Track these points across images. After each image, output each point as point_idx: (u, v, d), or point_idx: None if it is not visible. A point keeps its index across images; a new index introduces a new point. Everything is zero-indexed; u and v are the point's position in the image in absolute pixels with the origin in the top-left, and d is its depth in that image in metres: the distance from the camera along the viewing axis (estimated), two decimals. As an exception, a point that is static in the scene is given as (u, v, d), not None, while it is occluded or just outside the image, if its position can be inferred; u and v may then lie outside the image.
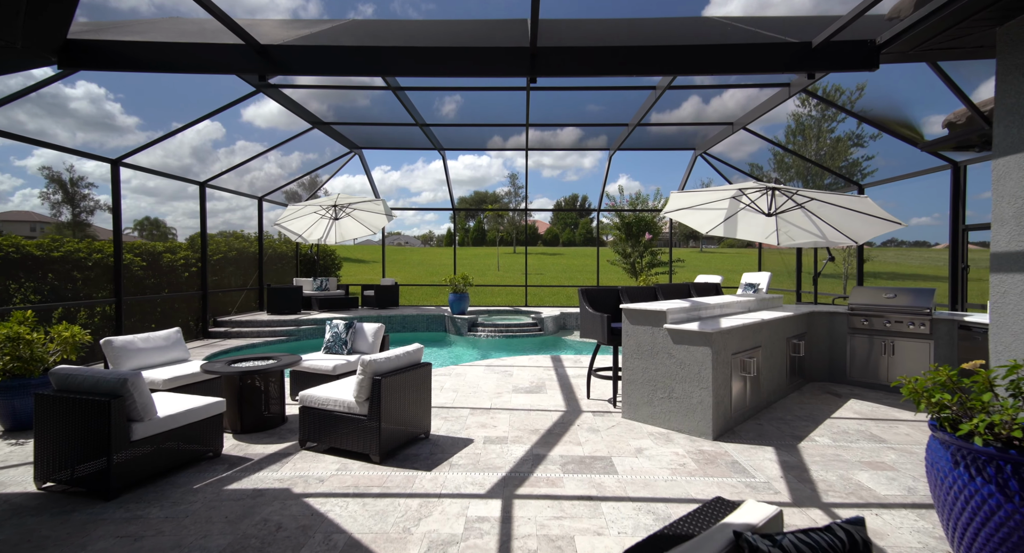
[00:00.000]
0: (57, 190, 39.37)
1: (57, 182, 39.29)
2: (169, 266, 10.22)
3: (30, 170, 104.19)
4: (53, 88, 77.15)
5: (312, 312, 11.93)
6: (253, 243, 12.99)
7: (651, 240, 15.52)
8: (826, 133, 24.32)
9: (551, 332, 11.32)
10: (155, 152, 9.30)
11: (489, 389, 6.05)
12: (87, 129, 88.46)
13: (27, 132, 7.34)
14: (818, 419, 4.93)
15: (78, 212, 40.49)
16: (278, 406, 4.73)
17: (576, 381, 6.44)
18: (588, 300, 5.73)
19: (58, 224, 40.08)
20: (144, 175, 9.37)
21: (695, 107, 10.76)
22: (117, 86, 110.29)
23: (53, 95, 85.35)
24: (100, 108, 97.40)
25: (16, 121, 56.81)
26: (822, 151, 23.87)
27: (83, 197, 40.74)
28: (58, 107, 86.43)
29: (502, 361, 7.70)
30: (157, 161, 9.50)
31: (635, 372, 4.90)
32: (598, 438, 4.39)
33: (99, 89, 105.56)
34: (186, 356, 5.26)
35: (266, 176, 13.24)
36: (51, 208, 39.95)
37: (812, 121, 24.90)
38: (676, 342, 4.58)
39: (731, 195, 7.13)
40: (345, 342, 5.69)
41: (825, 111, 24.56)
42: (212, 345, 9.00)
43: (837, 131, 24.05)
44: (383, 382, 3.83)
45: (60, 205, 39.95)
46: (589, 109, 9.86)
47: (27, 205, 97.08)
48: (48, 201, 39.70)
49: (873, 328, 6.08)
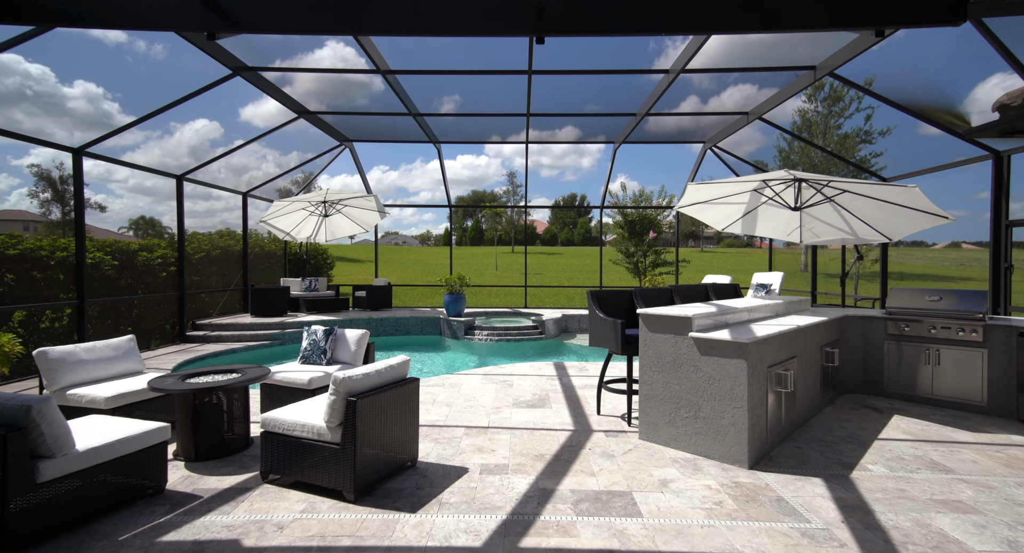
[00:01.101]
0: (46, 188, 38.53)
1: (46, 180, 38.45)
2: (145, 265, 9.55)
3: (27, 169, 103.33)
4: (51, 87, 76.01)
5: (299, 314, 11.27)
6: (240, 241, 12.32)
7: (655, 239, 14.88)
8: (833, 129, 23.75)
9: (552, 335, 10.69)
10: (153, 151, 8.87)
11: (487, 403, 5.40)
12: (84, 128, 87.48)
13: (25, 131, 6.77)
14: (864, 441, 4.29)
15: (68, 211, 39.62)
16: (242, 426, 4.08)
17: (583, 393, 5.80)
18: (598, 304, 5.09)
19: (48, 223, 39.24)
20: (142, 174, 8.84)
21: (706, 96, 10.13)
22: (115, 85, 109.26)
23: (51, 94, 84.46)
24: (98, 107, 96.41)
25: (13, 120, 56.06)
26: (829, 148, 23.26)
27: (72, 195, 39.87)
28: (55, 106, 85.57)
29: (501, 369, 7.06)
30: (155, 160, 8.96)
31: (655, 387, 4.26)
32: (614, 466, 3.75)
33: (97, 89, 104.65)
34: (140, 368, 4.61)
35: (264, 175, 12.64)
36: (40, 207, 39.12)
37: (819, 117, 24.31)
38: (704, 353, 3.94)
39: (752, 187, 6.51)
40: (324, 351, 5.04)
41: (832, 107, 23.98)
42: (188, 350, 8.33)
43: (844, 127, 23.47)
44: (359, 404, 3.18)
45: (49, 203, 39.10)
46: (594, 99, 9.23)
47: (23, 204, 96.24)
48: (37, 199, 38.88)
49: (915, 334, 5.45)
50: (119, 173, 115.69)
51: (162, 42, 65.34)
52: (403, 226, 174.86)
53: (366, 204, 11.57)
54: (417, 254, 54.48)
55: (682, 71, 6.99)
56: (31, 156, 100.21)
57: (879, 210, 5.97)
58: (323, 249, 17.79)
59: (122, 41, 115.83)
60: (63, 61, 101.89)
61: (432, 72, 7.71)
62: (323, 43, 9.21)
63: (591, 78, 8.46)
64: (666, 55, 8.13)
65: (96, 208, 42.65)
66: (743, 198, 6.81)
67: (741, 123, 9.24)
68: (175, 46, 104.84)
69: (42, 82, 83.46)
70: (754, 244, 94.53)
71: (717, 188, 6.39)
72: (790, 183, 6.21)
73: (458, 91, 9.36)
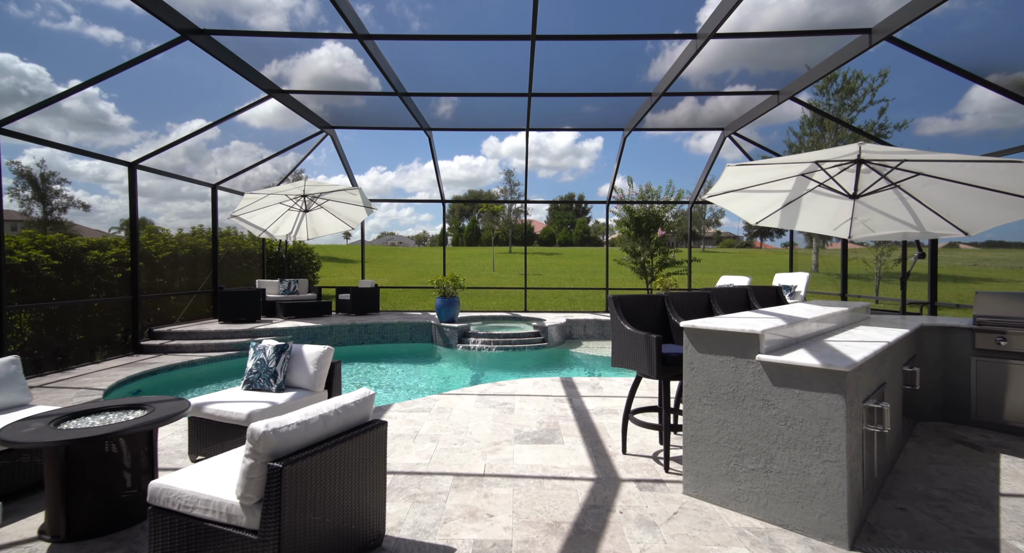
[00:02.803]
0: (27, 186, 37.16)
1: (27, 178, 37.09)
2: (96, 265, 8.42)
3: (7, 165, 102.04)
4: (45, 87, 75.40)
5: (275, 320, 10.16)
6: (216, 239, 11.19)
7: (663, 237, 13.87)
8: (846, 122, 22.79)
9: (556, 343, 9.62)
10: (149, 152, 8.10)
11: (483, 436, 4.32)
12: (80, 128, 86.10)
13: (20, 130, 6.06)
14: (985, 498, 3.23)
15: (50, 210, 38.31)
16: (148, 478, 2.98)
17: (601, 420, 4.73)
18: (624, 313, 4.02)
19: (29, 222, 37.86)
20: (140, 175, 7.83)
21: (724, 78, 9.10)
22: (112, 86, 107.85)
23: (46, 93, 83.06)
24: (93, 108, 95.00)
25: None
26: (840, 143, 22.29)
27: (56, 194, 38.58)
28: (52, 107, 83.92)
29: (500, 388, 5.98)
30: (153, 160, 8.07)
31: (706, 426, 3.20)
32: (659, 545, 2.68)
33: (93, 89, 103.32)
34: (23, 399, 3.50)
35: (261, 176, 11.73)
36: (20, 205, 37.71)
37: (830, 110, 23.30)
38: (779, 384, 2.88)
39: (802, 170, 5.45)
40: (274, 373, 3.94)
41: (844, 100, 22.99)
42: (138, 363, 7.21)
43: (858, 121, 22.48)
44: (287, 472, 2.11)
45: (30, 202, 37.74)
46: (604, 76, 8.17)
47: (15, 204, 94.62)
48: (17, 198, 37.48)
49: (1012, 349, 4.41)
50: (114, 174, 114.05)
51: (158, 41, 65.08)
52: (400, 227, 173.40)
53: (350, 198, 10.48)
54: (412, 254, 53.34)
55: (712, 35, 5.93)
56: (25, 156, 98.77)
57: (957, 196, 4.93)
58: (308, 248, 16.67)
59: (118, 40, 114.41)
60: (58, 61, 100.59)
61: (419, 37, 6.63)
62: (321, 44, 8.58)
63: (602, 50, 7.41)
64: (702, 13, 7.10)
65: (80, 207, 41.29)
66: (787, 184, 5.75)
67: (770, 104, 8.19)
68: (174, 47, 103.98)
69: (37, 82, 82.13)
70: (753, 244, 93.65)
71: (760, 172, 5.33)
72: (848, 164, 5.17)
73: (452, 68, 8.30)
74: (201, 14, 6.26)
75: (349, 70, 11.82)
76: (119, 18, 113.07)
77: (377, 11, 7.90)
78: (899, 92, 21.16)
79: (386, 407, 5.18)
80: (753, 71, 8.18)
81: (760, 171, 5.31)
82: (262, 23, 7.17)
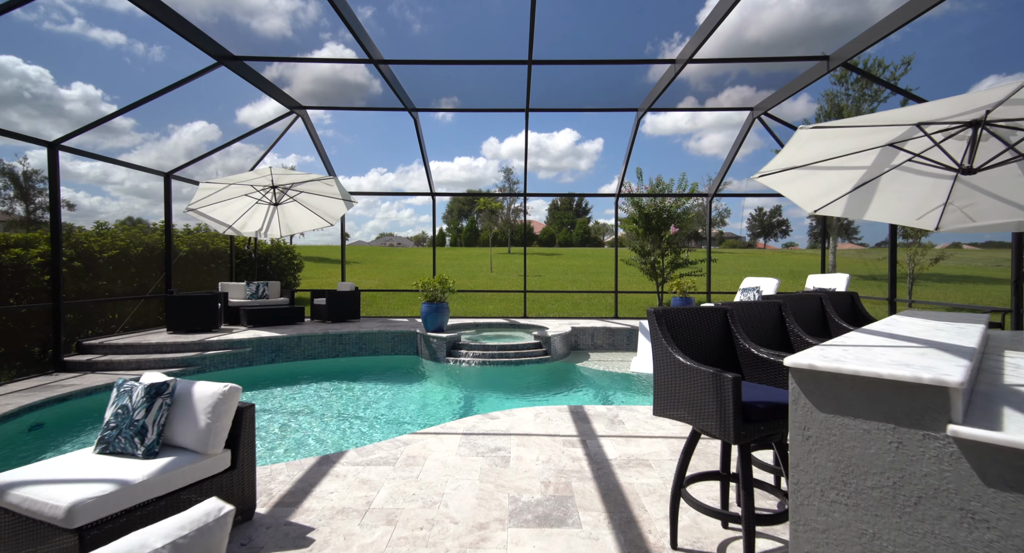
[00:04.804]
0: (8, 184, 35.79)
1: (8, 175, 35.72)
2: (18, 266, 7.09)
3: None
4: (48, 89, 74.99)
5: (236, 329, 8.80)
6: (179, 236, 9.85)
7: (676, 235, 12.55)
8: (865, 113, 21.51)
9: (561, 356, 8.27)
10: (149, 153, 7.57)
11: (464, 512, 2.98)
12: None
13: (21, 132, 4.99)
14: None
15: (33, 208, 36.93)
16: None
17: (628, 478, 3.38)
18: (671, 333, 2.68)
19: (10, 222, 36.46)
20: (139, 175, 6.96)
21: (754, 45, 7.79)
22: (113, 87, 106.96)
23: (48, 96, 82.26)
24: (95, 109, 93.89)
25: (10, 122, 53.39)
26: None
27: (39, 192, 37.16)
28: (52, 108, 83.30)
29: (492, 422, 4.63)
30: (152, 161, 7.32)
31: (835, 540, 1.85)
32: None
33: (95, 91, 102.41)
34: None
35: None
36: (1, 204, 36.31)
37: (848, 100, 21.99)
38: (998, 484, 1.53)
39: (894, 137, 4.12)
40: (142, 429, 2.59)
41: (864, 90, 21.67)
42: (50, 386, 5.87)
43: (879, 111, 21.20)
44: None
45: (12, 201, 36.35)
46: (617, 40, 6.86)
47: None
48: (-1, 197, 36.10)
49: None
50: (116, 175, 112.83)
51: (160, 44, 65.77)
52: (400, 228, 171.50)
53: (325, 189, 9.15)
54: (408, 255, 51.90)
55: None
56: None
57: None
58: (288, 248, 15.33)
59: (121, 43, 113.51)
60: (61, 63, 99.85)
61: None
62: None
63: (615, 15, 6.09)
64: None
65: (64, 206, 39.88)
66: (866, 159, 4.43)
67: (817, 73, 6.85)
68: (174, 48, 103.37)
69: (39, 84, 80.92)
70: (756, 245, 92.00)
71: (839, 138, 4.00)
72: (959, 129, 3.84)
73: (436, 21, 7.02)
74: (203, 15, 6.19)
75: (349, 71, 10.73)
76: (121, 21, 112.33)
77: (379, 13, 7.78)
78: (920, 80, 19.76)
79: (337, 457, 3.83)
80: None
81: (840, 138, 3.98)
82: (264, 26, 7.20)
